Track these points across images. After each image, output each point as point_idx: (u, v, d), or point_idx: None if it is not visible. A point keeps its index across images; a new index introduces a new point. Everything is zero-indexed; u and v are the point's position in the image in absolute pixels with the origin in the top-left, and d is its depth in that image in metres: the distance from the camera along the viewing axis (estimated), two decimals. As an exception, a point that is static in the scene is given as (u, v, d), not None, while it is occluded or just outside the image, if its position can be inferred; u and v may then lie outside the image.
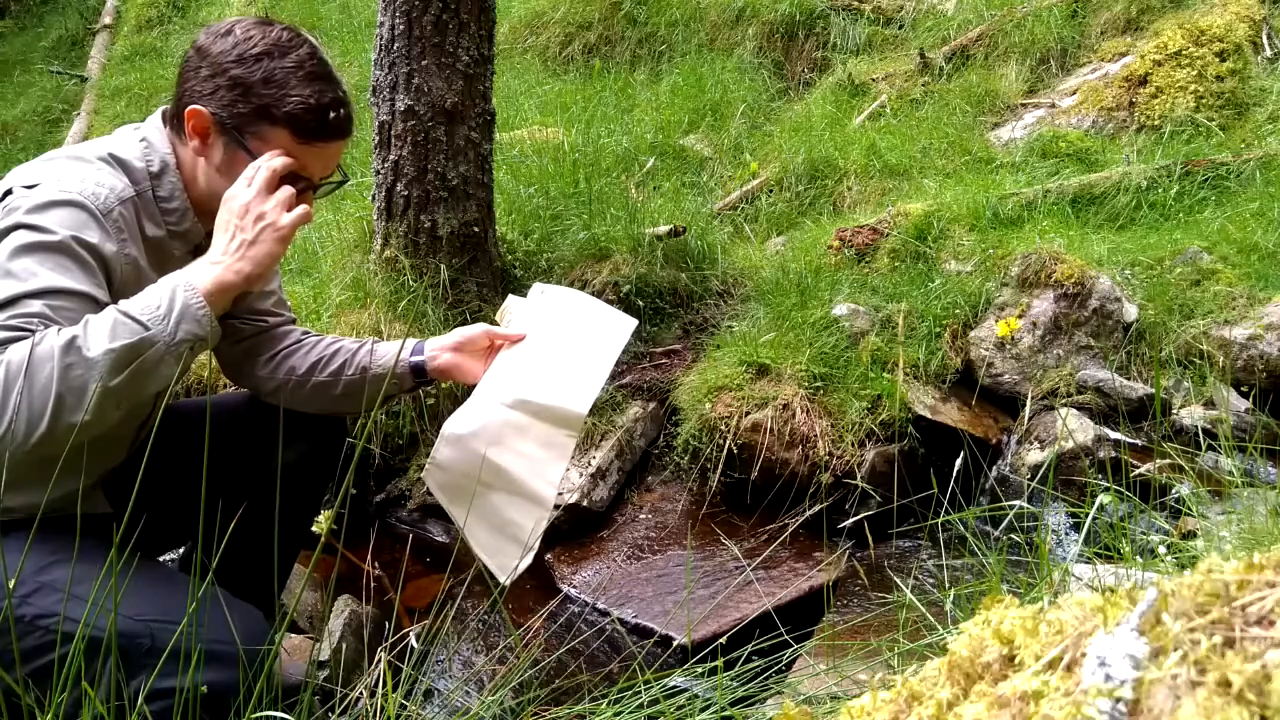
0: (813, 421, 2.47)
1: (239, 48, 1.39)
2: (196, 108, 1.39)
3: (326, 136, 1.42)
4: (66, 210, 1.29)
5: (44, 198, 1.30)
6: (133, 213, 1.38)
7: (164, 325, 1.23)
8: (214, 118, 1.39)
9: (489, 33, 2.69)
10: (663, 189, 3.65)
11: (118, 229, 1.34)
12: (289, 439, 1.65)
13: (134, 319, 1.22)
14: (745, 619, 2.05)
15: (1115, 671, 0.51)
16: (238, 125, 1.39)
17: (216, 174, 1.43)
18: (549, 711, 1.42)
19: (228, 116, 1.39)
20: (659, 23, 5.30)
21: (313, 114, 1.39)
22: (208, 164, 1.43)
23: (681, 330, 2.99)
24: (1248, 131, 3.70)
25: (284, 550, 1.79)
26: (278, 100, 1.37)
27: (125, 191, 1.37)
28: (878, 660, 1.42)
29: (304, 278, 3.02)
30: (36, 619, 1.30)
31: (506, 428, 1.53)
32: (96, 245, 1.30)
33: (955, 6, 4.98)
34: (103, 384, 1.19)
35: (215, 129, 1.40)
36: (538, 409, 1.54)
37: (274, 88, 1.37)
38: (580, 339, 1.63)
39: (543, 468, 1.53)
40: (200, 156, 1.43)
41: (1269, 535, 1.43)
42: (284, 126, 1.39)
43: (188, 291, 1.27)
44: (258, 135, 1.39)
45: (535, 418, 1.54)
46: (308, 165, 1.43)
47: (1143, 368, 2.64)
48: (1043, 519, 2.14)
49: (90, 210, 1.31)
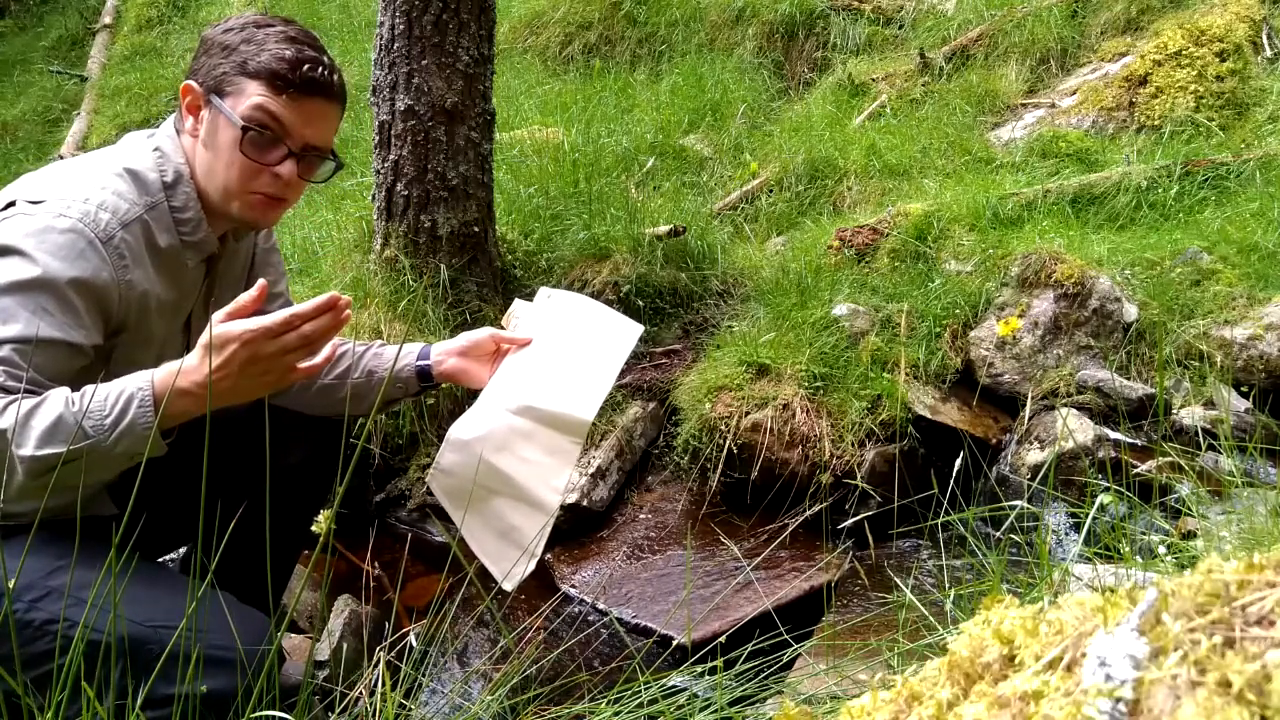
0: (813, 421, 2.47)
1: (229, 23, 1.44)
2: (187, 83, 1.43)
3: (305, 90, 1.40)
4: (63, 238, 1.28)
5: (42, 223, 1.28)
6: (139, 234, 1.36)
7: (105, 436, 1.20)
8: (201, 87, 1.41)
9: (489, 33, 2.69)
10: (663, 189, 3.65)
11: (118, 255, 1.32)
12: (290, 440, 1.65)
13: (78, 422, 1.19)
14: (745, 619, 2.05)
15: (1115, 671, 0.51)
16: (217, 85, 1.40)
17: (205, 150, 1.42)
18: (548, 711, 1.42)
19: (210, 79, 1.40)
20: (659, 23, 5.30)
21: (288, 64, 1.38)
22: (200, 144, 1.43)
23: (681, 330, 2.99)
24: (1248, 131, 3.70)
25: (284, 551, 1.79)
26: (255, 54, 1.38)
27: (131, 212, 1.36)
28: (878, 660, 1.42)
29: (304, 278, 3.02)
30: (46, 624, 1.30)
31: (512, 434, 1.52)
32: (87, 280, 1.28)
33: (955, 6, 4.98)
34: (26, 481, 1.20)
35: (203, 99, 1.41)
36: (543, 415, 1.53)
37: (253, 45, 1.39)
38: (586, 345, 1.63)
39: (547, 473, 1.53)
40: (195, 137, 1.43)
41: (1269, 535, 1.43)
42: (259, 78, 1.38)
43: (141, 407, 1.22)
44: (234, 90, 1.39)
45: (540, 424, 1.53)
46: (285, 121, 1.40)
47: (1143, 368, 2.64)
48: (1043, 519, 2.14)
49: (89, 238, 1.29)
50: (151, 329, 1.42)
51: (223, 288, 1.59)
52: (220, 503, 1.28)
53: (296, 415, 1.69)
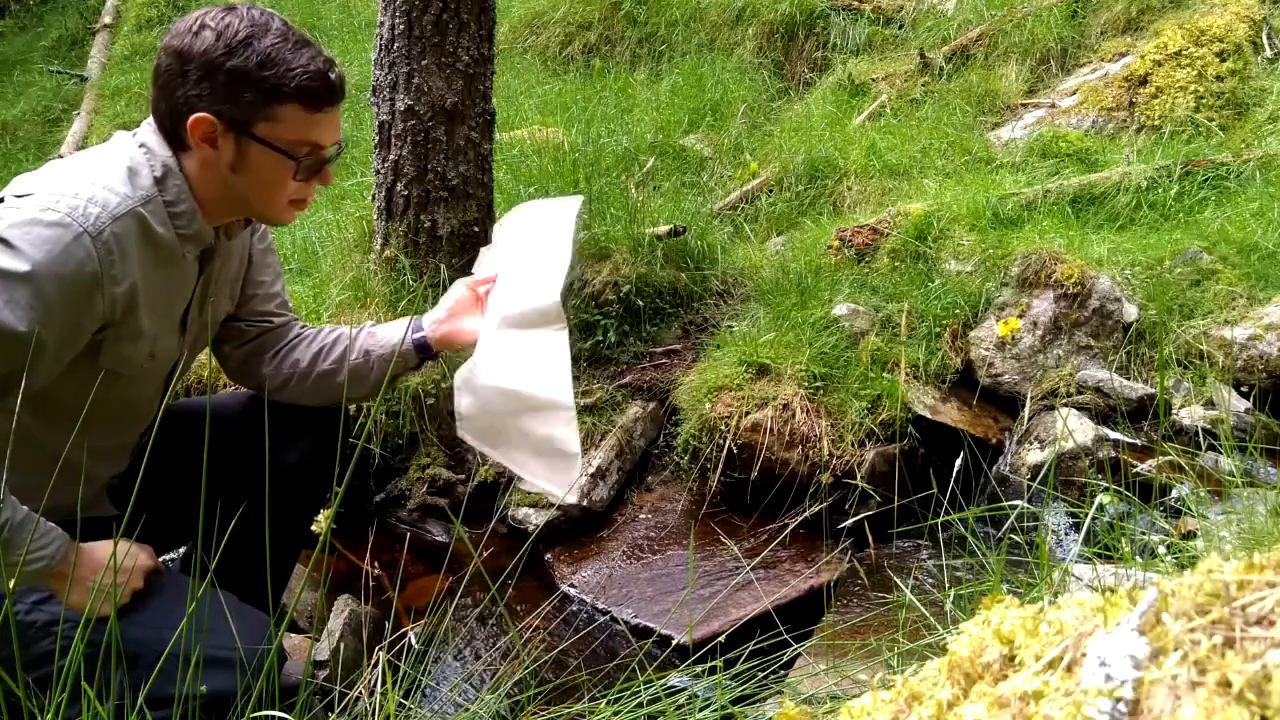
0: (813, 421, 2.47)
1: (223, 38, 1.33)
2: (199, 115, 1.35)
3: (334, 100, 1.41)
4: (49, 231, 1.25)
5: (28, 215, 1.26)
6: (130, 228, 1.33)
7: (11, 556, 1.25)
8: (218, 117, 1.35)
9: (489, 32, 2.69)
10: (663, 189, 3.65)
11: (106, 249, 1.29)
12: (290, 438, 1.65)
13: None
14: (745, 619, 2.05)
15: (1115, 671, 0.51)
16: (245, 116, 1.36)
17: (232, 173, 1.40)
18: (548, 710, 1.42)
19: (233, 110, 1.35)
20: (659, 23, 5.30)
21: (319, 80, 1.37)
22: (219, 165, 1.39)
23: (681, 330, 2.99)
24: (1248, 131, 3.70)
25: (284, 550, 1.79)
26: (282, 77, 1.34)
27: (122, 206, 1.32)
28: (878, 660, 1.42)
29: (304, 277, 3.02)
30: (48, 626, 1.30)
31: (501, 351, 1.53)
32: (69, 275, 1.26)
33: (955, 6, 4.98)
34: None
35: (222, 129, 1.36)
36: (518, 319, 1.54)
37: (274, 67, 1.34)
38: (535, 239, 1.65)
39: (548, 371, 1.52)
40: (208, 160, 1.39)
41: (1269, 535, 1.43)
42: (295, 101, 1.36)
43: (37, 561, 1.30)
44: (269, 118, 1.36)
45: (519, 328, 1.54)
46: (321, 135, 1.42)
47: (1143, 368, 2.64)
48: (1043, 519, 2.14)
49: (76, 231, 1.27)
50: (141, 324, 1.40)
51: (218, 285, 1.59)
52: (220, 502, 1.28)
53: (296, 414, 1.69)
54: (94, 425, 1.30)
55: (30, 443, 1.29)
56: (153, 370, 1.50)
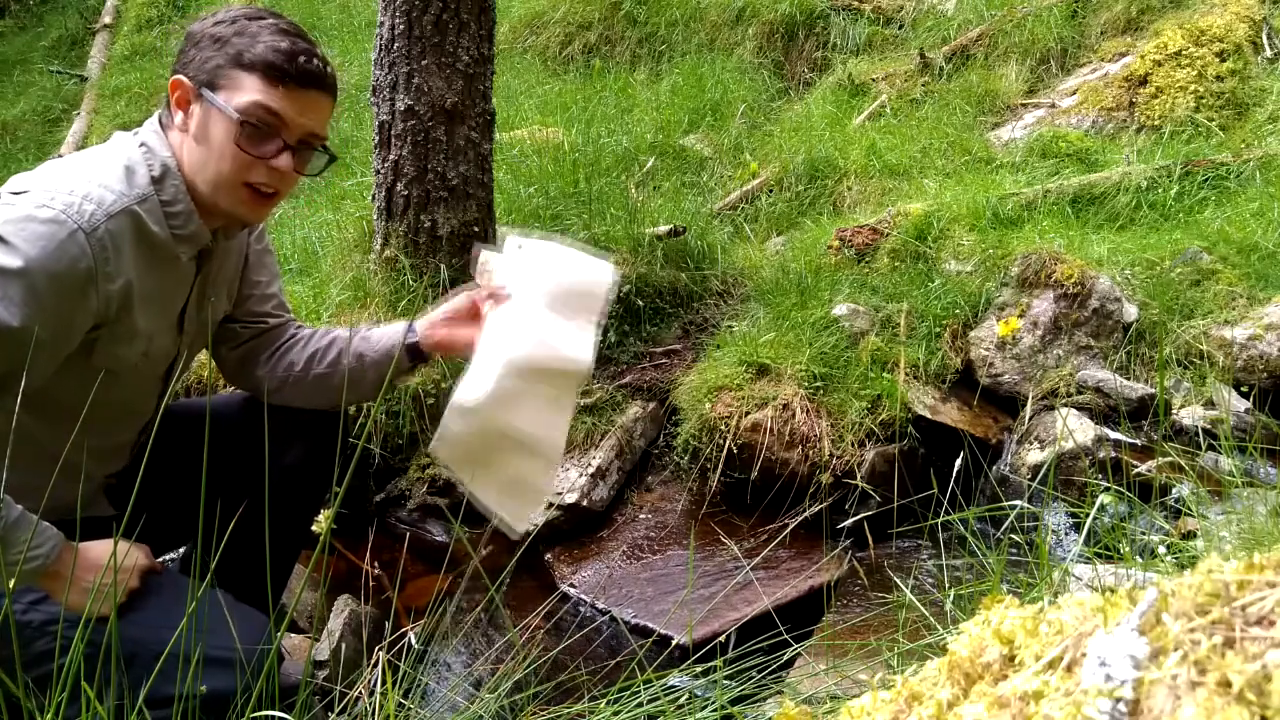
0: (813, 421, 2.47)
1: (216, 15, 1.42)
2: (177, 77, 1.40)
3: (300, 82, 1.39)
4: (44, 227, 1.25)
5: (23, 212, 1.26)
6: (126, 226, 1.34)
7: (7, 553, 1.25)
8: (192, 81, 1.39)
9: (489, 32, 2.69)
10: (663, 189, 3.65)
11: (101, 247, 1.29)
12: (289, 439, 1.65)
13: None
14: (745, 619, 2.05)
15: (1115, 671, 0.51)
16: (210, 79, 1.38)
17: (195, 144, 1.40)
18: (548, 710, 1.42)
19: (199, 73, 1.39)
20: (659, 23, 5.30)
21: (283, 55, 1.37)
22: (190, 138, 1.41)
23: (681, 330, 2.99)
24: (1248, 131, 3.70)
25: (284, 550, 1.79)
26: (249, 45, 1.37)
27: (117, 204, 1.33)
28: (878, 660, 1.42)
29: (304, 278, 3.02)
30: (45, 625, 1.30)
31: (513, 390, 1.52)
32: (64, 272, 1.26)
33: (955, 6, 4.98)
34: None
35: (193, 94, 1.39)
36: (540, 368, 1.54)
37: (247, 37, 1.38)
38: (567, 291, 1.63)
39: (551, 421, 1.53)
40: (185, 132, 1.41)
41: (1269, 535, 1.43)
42: (255, 71, 1.37)
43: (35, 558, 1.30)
44: (230, 83, 1.38)
45: (539, 378, 1.54)
46: (283, 114, 1.40)
47: (1143, 368, 2.64)
48: (1043, 519, 2.14)
49: (71, 228, 1.27)
50: (135, 323, 1.40)
51: (215, 286, 1.59)
52: (219, 503, 1.28)
53: (294, 415, 1.69)
54: (91, 424, 1.30)
55: (27, 441, 1.29)
56: (147, 369, 1.49)
